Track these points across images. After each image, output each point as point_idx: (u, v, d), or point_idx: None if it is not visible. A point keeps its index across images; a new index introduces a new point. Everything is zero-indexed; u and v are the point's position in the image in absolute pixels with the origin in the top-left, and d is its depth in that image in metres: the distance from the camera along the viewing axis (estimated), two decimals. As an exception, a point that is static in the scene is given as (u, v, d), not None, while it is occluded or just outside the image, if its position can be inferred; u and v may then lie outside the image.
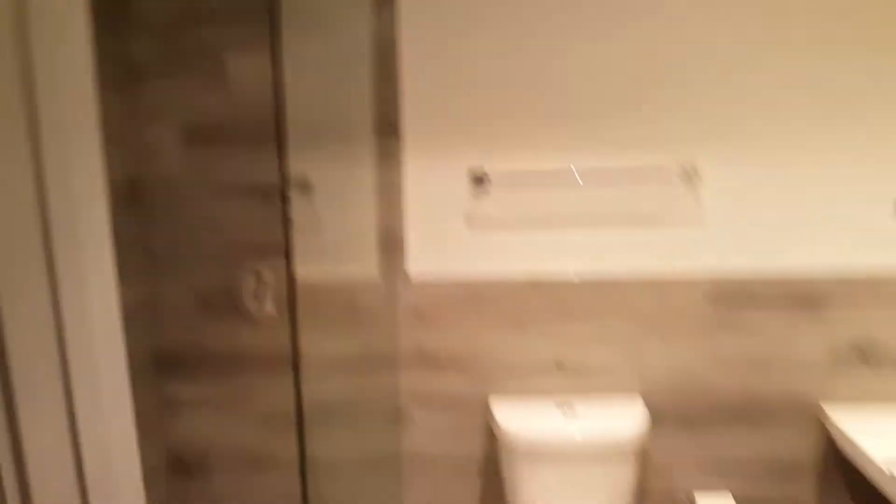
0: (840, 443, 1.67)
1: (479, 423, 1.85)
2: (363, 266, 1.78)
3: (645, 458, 1.82)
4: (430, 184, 1.76)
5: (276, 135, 1.72)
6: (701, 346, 1.74)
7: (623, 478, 1.67)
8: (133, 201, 1.83)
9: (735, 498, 1.81)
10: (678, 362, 1.76)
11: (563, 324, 1.77)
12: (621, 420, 1.67)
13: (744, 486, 1.81)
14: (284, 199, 1.64)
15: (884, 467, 1.43)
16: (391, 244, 1.79)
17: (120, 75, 1.76)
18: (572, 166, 1.70)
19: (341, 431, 1.90)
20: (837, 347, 1.70)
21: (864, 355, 1.70)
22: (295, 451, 1.93)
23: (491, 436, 1.86)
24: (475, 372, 1.82)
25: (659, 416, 1.79)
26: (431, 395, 1.85)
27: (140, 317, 1.84)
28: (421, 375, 1.84)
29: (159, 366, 1.92)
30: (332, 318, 1.83)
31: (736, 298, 1.71)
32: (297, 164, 1.76)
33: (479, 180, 1.74)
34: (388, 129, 1.75)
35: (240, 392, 1.91)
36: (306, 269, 1.77)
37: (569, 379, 1.80)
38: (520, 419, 1.69)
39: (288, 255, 1.63)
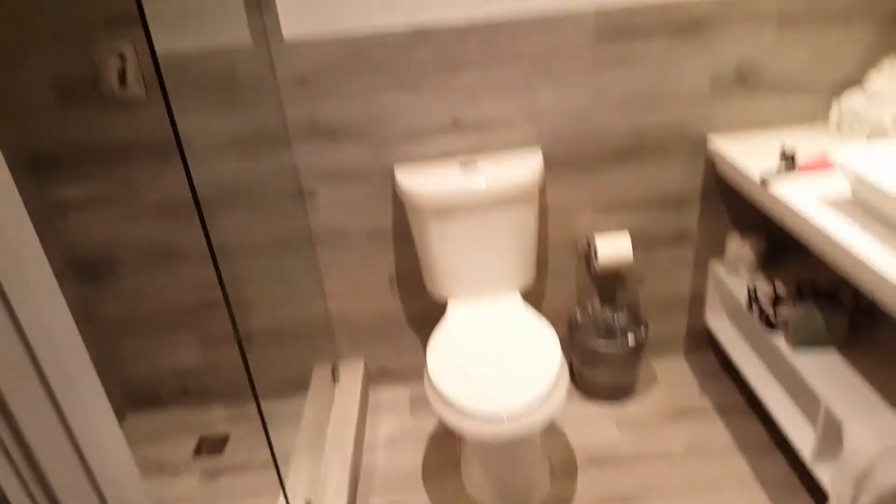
0: (721, 167, 1.79)
1: (385, 191, 1.86)
2: (232, 31, 1.63)
3: (545, 205, 1.91)
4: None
5: None
6: (591, 85, 1.75)
7: (526, 224, 1.76)
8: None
9: (630, 234, 1.96)
10: (571, 104, 1.78)
11: (454, 76, 1.73)
12: (521, 168, 1.71)
13: (638, 222, 1.95)
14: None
15: (756, 178, 1.55)
16: (258, 1, 1.63)
17: None
18: None
19: (246, 215, 1.88)
20: (719, 73, 1.75)
21: (744, 79, 1.76)
22: (203, 240, 1.92)
23: (398, 201, 1.88)
24: (372, 139, 1.79)
25: (557, 163, 1.85)
26: (332, 167, 1.82)
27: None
28: (317, 148, 1.80)
29: (35, 170, 1.79)
30: (209, 94, 1.71)
31: (621, 31, 1.69)
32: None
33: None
34: None
35: (129, 185, 1.82)
36: (170, 40, 1.60)
37: (468, 138, 1.80)
38: (423, 180, 1.71)
39: (145, 25, 1.46)
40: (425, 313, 2.07)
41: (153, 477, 1.90)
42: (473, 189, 1.67)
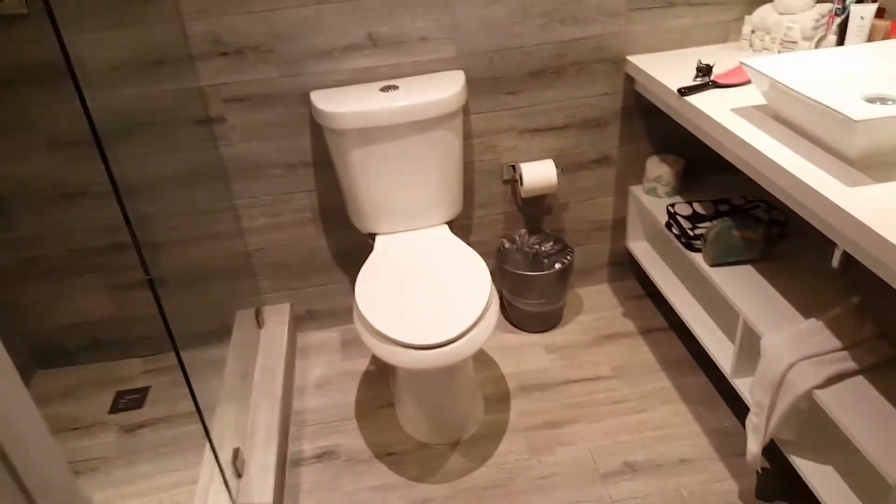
0: (640, 83, 1.77)
1: (301, 116, 1.75)
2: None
3: (469, 131, 1.85)
4: None
5: None
6: (511, 2, 1.68)
7: (451, 149, 1.69)
8: None
9: (554, 158, 1.93)
10: (491, 19, 1.69)
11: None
12: (443, 89, 1.63)
13: (561, 146, 1.92)
14: None
15: (674, 90, 1.54)
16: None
17: None
18: None
19: (151, 146, 1.72)
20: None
21: (664, -4, 1.73)
22: (105, 176, 1.76)
23: (316, 127, 1.77)
24: (283, 57, 1.66)
25: (479, 84, 1.78)
26: (240, 91, 1.68)
27: None
28: (223, 69, 1.65)
29: None
30: (101, 7, 1.51)
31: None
32: None
33: None
34: None
35: (16, 115, 1.62)
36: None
37: (387, 56, 1.70)
38: (342, 102, 1.60)
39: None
40: (352, 249, 2.00)
41: (66, 435, 1.78)
42: (395, 110, 1.58)
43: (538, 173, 1.87)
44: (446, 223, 1.80)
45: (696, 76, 1.58)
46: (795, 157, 1.19)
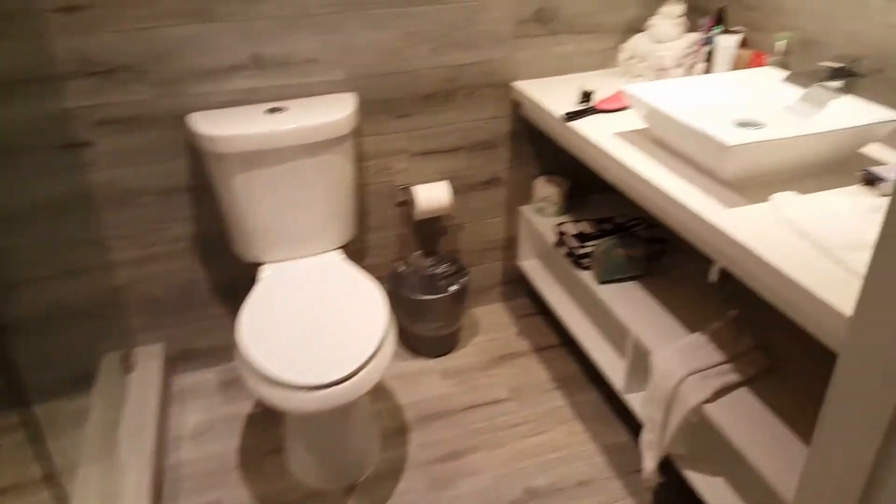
0: (526, 109, 1.80)
1: (178, 140, 1.61)
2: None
3: (361, 153, 1.79)
4: None
5: None
6: (401, 21, 1.64)
7: (342, 172, 1.62)
8: None
9: (449, 178, 1.92)
10: (382, 42, 1.66)
11: (250, 4, 1.51)
12: (333, 112, 1.56)
13: (453, 168, 1.91)
14: None
15: (558, 115, 1.57)
16: None
17: None
18: None
19: (5, 173, 1.51)
20: (522, 14, 1.74)
21: (544, 21, 1.77)
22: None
23: (195, 151, 1.64)
24: (160, 77, 1.52)
25: (371, 106, 1.73)
26: (111, 113, 1.53)
27: None
28: (93, 91, 1.49)
29: None
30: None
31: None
32: None
33: None
34: None
35: None
36: None
37: (273, 78, 1.61)
38: (224, 125, 1.49)
39: None
40: (235, 280, 1.86)
41: None
42: (282, 133, 1.49)
43: (431, 195, 1.85)
44: (339, 248, 1.73)
45: (580, 102, 1.62)
46: (674, 180, 1.23)
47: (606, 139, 1.43)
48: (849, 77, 1.28)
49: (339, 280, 1.57)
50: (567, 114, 1.54)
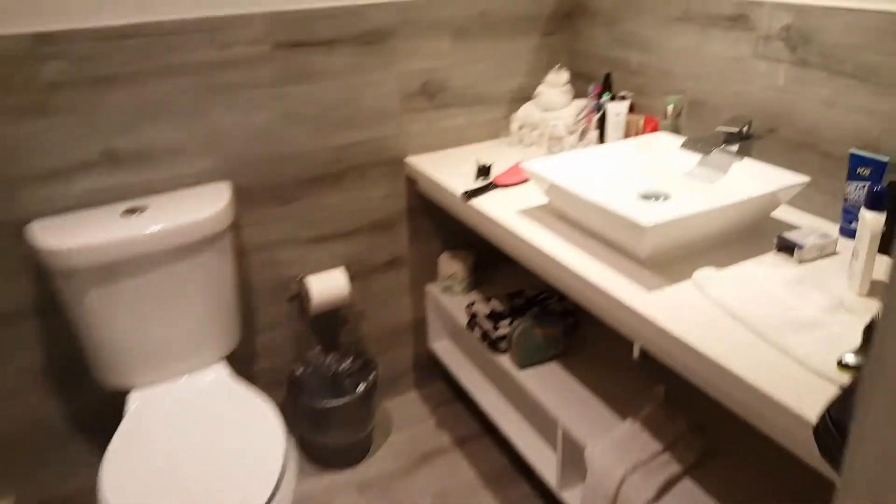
0: (422, 186, 1.69)
1: (14, 253, 1.35)
2: None
3: (242, 246, 1.60)
4: None
5: None
6: (276, 103, 1.50)
7: (220, 273, 1.42)
8: None
9: (343, 265, 1.75)
10: (256, 126, 1.50)
11: (98, 95, 1.32)
12: (203, 207, 1.37)
13: (349, 252, 1.75)
14: None
15: (456, 193, 1.46)
16: None
17: None
18: None
19: None
20: (408, 88, 1.65)
21: (431, 94, 1.69)
22: None
23: (38, 266, 1.38)
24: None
25: (250, 195, 1.56)
26: None
27: None
28: None
29: None
30: None
31: (300, 38, 1.48)
32: None
33: None
34: None
35: None
36: None
37: (130, 174, 1.40)
38: (71, 235, 1.26)
39: None
40: (99, 413, 1.57)
41: None
42: (143, 238, 1.28)
43: (327, 285, 1.67)
44: (224, 358, 1.51)
45: (478, 177, 1.53)
46: (588, 261, 1.14)
47: (511, 218, 1.33)
48: (744, 140, 1.26)
49: (222, 404, 1.34)
50: (466, 192, 1.43)
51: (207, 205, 1.39)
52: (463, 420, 1.92)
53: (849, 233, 1.15)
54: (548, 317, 1.57)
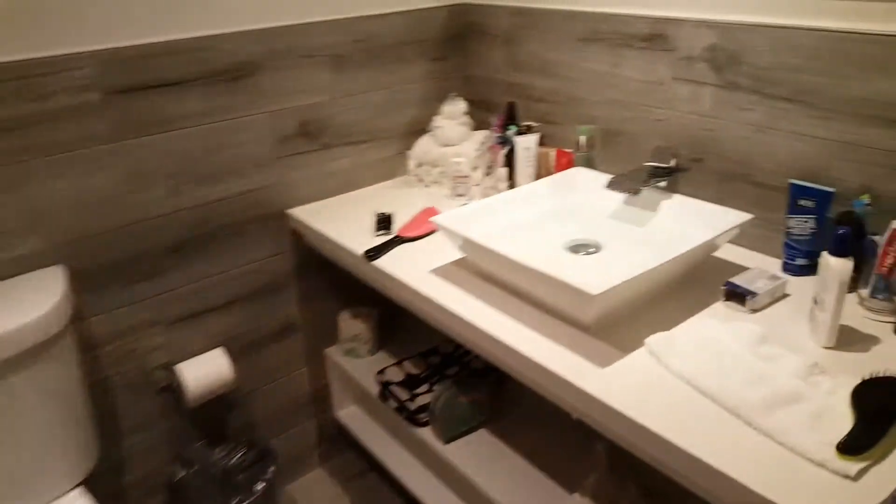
0: (311, 241, 1.45)
1: None
2: None
3: (91, 341, 1.28)
4: None
5: None
6: (116, 161, 1.21)
7: (58, 381, 1.11)
8: None
9: (224, 342, 1.47)
10: (92, 193, 1.20)
11: None
12: (28, 307, 1.05)
13: (230, 325, 1.47)
14: None
15: (355, 250, 1.25)
16: None
17: None
18: None
19: None
20: (282, 129, 1.41)
21: (311, 134, 1.46)
22: None
23: None
24: None
25: (94, 279, 1.25)
26: None
27: None
28: None
29: None
30: None
31: (141, 81, 1.20)
32: None
33: None
34: None
35: None
36: None
37: None
38: None
39: None
40: None
41: None
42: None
43: (205, 370, 1.39)
44: (81, 482, 1.19)
45: (378, 230, 1.32)
46: (523, 331, 0.96)
47: (425, 281, 1.12)
48: (672, 174, 1.15)
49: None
50: (367, 252, 1.22)
51: (36, 300, 1.07)
52: (381, 494, 1.69)
53: (794, 269, 1.06)
54: (471, 379, 1.39)
